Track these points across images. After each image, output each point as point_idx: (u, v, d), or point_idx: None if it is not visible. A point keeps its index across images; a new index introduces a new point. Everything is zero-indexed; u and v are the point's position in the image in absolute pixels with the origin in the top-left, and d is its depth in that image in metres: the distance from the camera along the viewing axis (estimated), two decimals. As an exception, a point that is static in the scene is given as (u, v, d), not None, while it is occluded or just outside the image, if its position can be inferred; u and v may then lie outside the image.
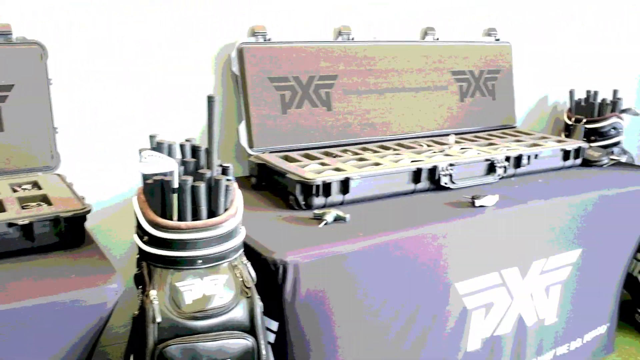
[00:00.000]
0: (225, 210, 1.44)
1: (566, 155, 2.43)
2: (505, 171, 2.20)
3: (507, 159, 2.21)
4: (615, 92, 3.07)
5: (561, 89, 3.16)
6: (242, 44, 2.15)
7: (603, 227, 2.24)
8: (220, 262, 1.42)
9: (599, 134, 2.93)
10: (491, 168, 2.17)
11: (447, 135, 2.48)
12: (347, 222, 1.72)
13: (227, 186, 1.44)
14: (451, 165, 2.06)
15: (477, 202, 1.88)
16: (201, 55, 2.14)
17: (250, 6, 2.19)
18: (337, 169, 1.93)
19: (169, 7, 2.04)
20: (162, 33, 2.04)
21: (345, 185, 1.85)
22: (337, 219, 1.72)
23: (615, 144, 2.98)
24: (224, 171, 1.49)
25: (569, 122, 3.00)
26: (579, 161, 2.48)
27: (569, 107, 3.09)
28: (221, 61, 2.17)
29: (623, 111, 3.01)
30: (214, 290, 1.38)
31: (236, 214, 1.45)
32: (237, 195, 1.50)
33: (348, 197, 1.87)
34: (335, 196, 1.84)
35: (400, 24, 2.55)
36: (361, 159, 2.08)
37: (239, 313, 1.40)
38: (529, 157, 2.28)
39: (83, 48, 1.94)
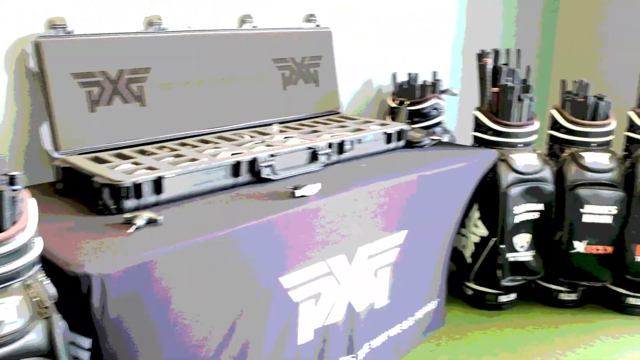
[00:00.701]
0: (14, 224, 1.31)
1: (389, 138, 2.49)
2: (328, 158, 2.22)
3: (330, 145, 2.23)
4: (434, 73, 3.22)
5: (385, 72, 3.25)
6: (39, 38, 1.98)
7: (426, 206, 2.33)
8: (9, 283, 1.29)
9: (422, 115, 3.06)
10: (314, 156, 2.18)
11: (271, 124, 2.46)
12: (160, 225, 1.64)
13: (13, 197, 1.31)
14: (272, 156, 2.04)
15: (298, 193, 1.87)
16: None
17: (47, -4, 2.03)
18: (150, 168, 1.84)
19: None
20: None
21: (158, 185, 1.77)
22: (150, 222, 1.64)
23: (437, 124, 3.13)
24: (12, 181, 1.36)
25: (393, 105, 3.10)
26: (402, 143, 2.56)
27: (393, 90, 3.19)
28: (13, 58, 1.99)
29: (442, 92, 3.17)
30: (3, 315, 1.26)
31: (26, 228, 1.33)
32: (29, 206, 1.38)
33: (163, 197, 1.79)
34: (148, 197, 1.76)
35: (216, 12, 2.48)
36: (178, 156, 2.01)
37: (36, 337, 1.28)
38: (352, 142, 2.31)
39: None
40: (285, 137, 2.29)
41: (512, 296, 3.00)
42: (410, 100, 3.04)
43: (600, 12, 4.19)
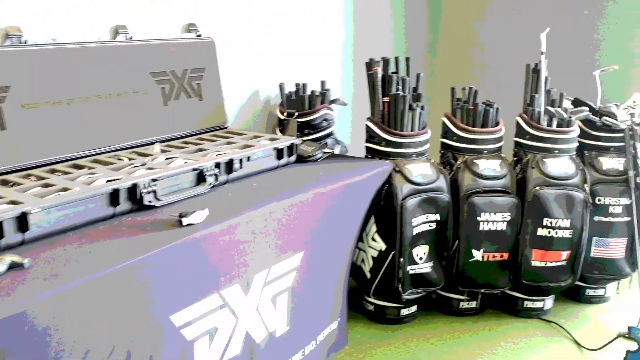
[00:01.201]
0: None
1: (280, 153, 2.38)
2: (216, 179, 2.07)
3: (218, 165, 2.09)
4: (323, 83, 3.14)
5: (272, 83, 3.14)
6: None
7: (322, 224, 2.24)
8: None
9: (312, 127, 2.98)
10: (201, 177, 2.03)
11: (152, 144, 2.29)
12: (27, 269, 1.44)
13: None
14: (154, 180, 1.87)
15: (185, 221, 1.72)
16: None
17: None
18: (13, 202, 1.63)
19: None
20: None
21: (23, 222, 1.56)
22: (13, 266, 1.43)
23: (329, 135, 3.05)
24: None
25: (282, 117, 2.99)
26: (293, 158, 2.46)
27: (281, 102, 3.09)
28: None
29: (332, 102, 3.10)
30: None
31: None
32: None
33: (29, 235, 1.58)
34: (11, 237, 1.55)
35: (84, 22, 2.28)
36: (46, 185, 1.80)
37: None
38: (241, 160, 2.18)
39: None
40: (168, 158, 2.12)
41: (413, 308, 2.98)
42: (299, 112, 2.95)
43: (480, 19, 4.29)
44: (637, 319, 2.87)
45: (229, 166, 2.14)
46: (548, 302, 3.05)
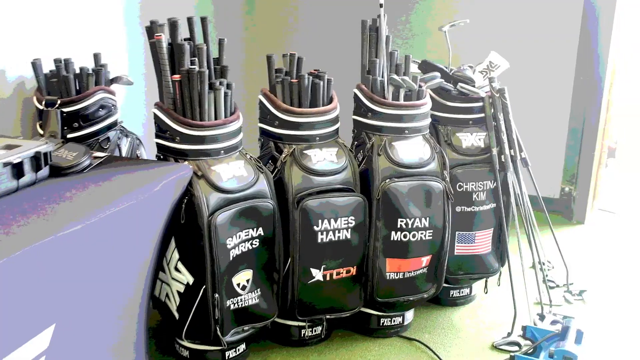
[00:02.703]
0: None
1: (19, 170, 1.67)
2: None
3: None
4: (96, 57, 2.44)
5: (25, 59, 2.38)
6: None
7: (84, 275, 1.58)
8: None
9: (84, 118, 2.30)
10: None
11: None
12: None
13: None
14: None
15: None
16: None
17: None
18: None
19: None
20: None
21: None
22: None
23: (110, 127, 2.38)
24: None
25: (41, 107, 2.26)
26: (45, 172, 1.76)
27: (38, 86, 2.35)
28: None
29: (112, 81, 2.43)
30: None
31: None
32: None
33: None
34: None
35: None
36: None
37: None
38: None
39: None
40: None
41: (242, 347, 2.39)
42: (63, 99, 2.24)
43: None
44: (511, 323, 2.54)
45: None
46: (408, 315, 2.60)
